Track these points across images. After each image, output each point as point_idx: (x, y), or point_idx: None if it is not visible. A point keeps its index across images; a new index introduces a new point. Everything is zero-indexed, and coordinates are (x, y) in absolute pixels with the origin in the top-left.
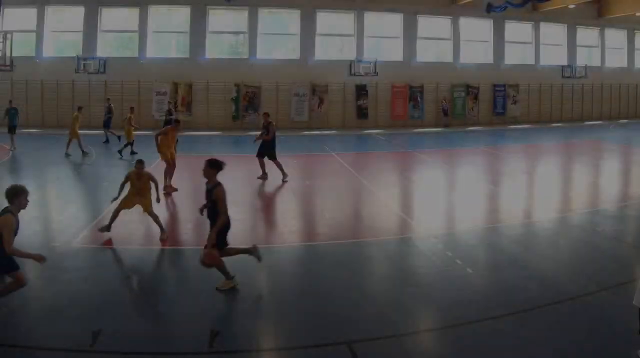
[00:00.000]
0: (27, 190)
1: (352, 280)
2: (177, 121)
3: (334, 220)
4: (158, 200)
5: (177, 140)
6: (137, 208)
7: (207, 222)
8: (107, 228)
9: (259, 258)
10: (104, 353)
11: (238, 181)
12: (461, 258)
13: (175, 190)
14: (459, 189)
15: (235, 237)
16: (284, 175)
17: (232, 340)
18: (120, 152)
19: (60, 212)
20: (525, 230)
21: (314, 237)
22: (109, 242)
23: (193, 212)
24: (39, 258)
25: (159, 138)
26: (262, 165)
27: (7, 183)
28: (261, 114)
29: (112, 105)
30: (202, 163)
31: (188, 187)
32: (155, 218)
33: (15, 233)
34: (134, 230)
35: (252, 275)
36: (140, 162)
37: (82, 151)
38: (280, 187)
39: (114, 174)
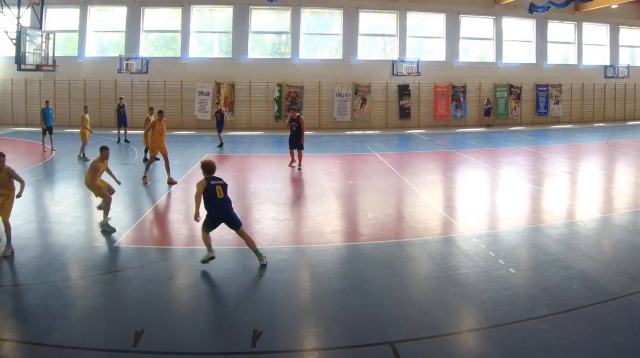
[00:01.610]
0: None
1: (394, 280)
2: (161, 112)
3: (377, 220)
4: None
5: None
6: (179, 207)
7: (251, 223)
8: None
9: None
10: (146, 353)
11: (280, 181)
12: (504, 258)
13: (175, 182)
14: (501, 189)
15: (279, 236)
16: (299, 165)
17: (274, 340)
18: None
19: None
20: (568, 230)
21: (356, 237)
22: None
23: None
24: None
25: (148, 133)
26: (293, 155)
27: (51, 183)
28: (291, 111)
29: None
30: (246, 162)
31: (230, 187)
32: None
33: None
34: (177, 230)
35: (295, 275)
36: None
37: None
38: (322, 187)
39: (156, 175)
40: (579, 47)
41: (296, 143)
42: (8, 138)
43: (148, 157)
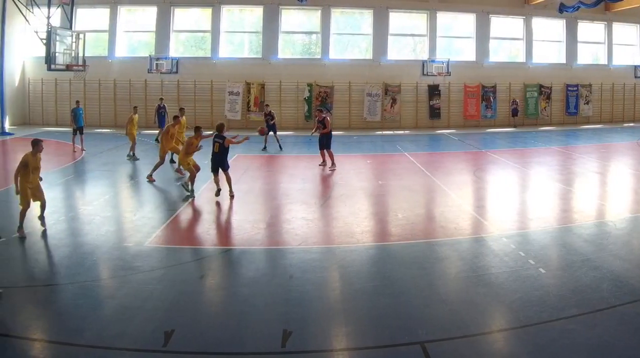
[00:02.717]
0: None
1: (424, 280)
2: (176, 117)
3: (407, 220)
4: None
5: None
6: (209, 207)
7: (281, 223)
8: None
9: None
10: (177, 353)
11: (311, 181)
12: (534, 258)
13: (154, 180)
14: (531, 189)
15: (309, 236)
16: (333, 164)
17: (305, 340)
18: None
19: (132, 213)
20: (598, 230)
21: (386, 237)
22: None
23: (266, 212)
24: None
25: (162, 136)
26: (323, 155)
27: (81, 183)
28: (317, 113)
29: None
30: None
31: (259, 187)
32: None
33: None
34: (207, 230)
35: (325, 275)
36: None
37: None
38: (352, 187)
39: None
40: (609, 47)
41: (324, 143)
42: (39, 138)
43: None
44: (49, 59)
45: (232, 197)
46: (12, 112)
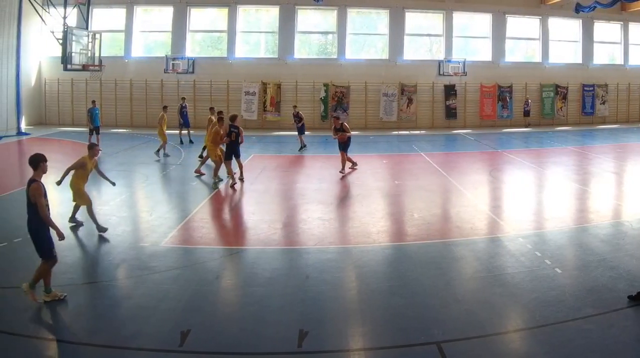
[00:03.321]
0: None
1: (440, 280)
2: (220, 118)
3: (423, 220)
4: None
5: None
6: (225, 207)
7: (297, 223)
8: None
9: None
10: (193, 353)
11: (327, 181)
12: (550, 258)
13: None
14: (548, 189)
15: (325, 236)
16: (353, 164)
17: (321, 340)
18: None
19: (148, 213)
20: (614, 230)
21: (402, 237)
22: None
23: (282, 212)
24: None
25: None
26: (344, 159)
27: (97, 183)
28: (334, 121)
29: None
30: (292, 162)
31: (276, 187)
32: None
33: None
34: (223, 229)
35: (341, 275)
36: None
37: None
38: (368, 187)
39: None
40: (625, 47)
41: (342, 146)
42: (55, 138)
43: (203, 155)
44: (65, 59)
45: (242, 180)
46: (29, 112)
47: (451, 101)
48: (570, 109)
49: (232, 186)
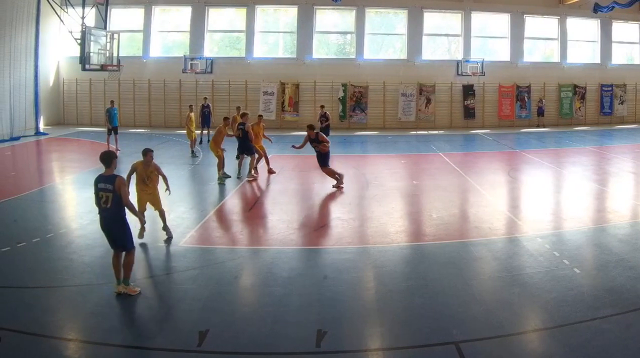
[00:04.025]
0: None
1: (459, 280)
2: (225, 118)
3: (441, 220)
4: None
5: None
6: (243, 207)
7: (317, 223)
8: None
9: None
10: (211, 353)
11: (345, 181)
12: (568, 258)
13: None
14: (566, 189)
15: (343, 236)
16: (339, 181)
17: (339, 340)
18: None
19: (167, 212)
20: (633, 230)
21: (420, 237)
22: None
23: (300, 212)
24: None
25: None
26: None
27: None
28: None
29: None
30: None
31: (294, 187)
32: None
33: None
34: (241, 230)
35: (359, 275)
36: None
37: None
38: (386, 187)
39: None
40: None
41: (322, 160)
42: (73, 138)
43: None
44: (84, 59)
45: (254, 174)
46: (47, 112)
47: (469, 101)
48: (588, 109)
49: (251, 181)
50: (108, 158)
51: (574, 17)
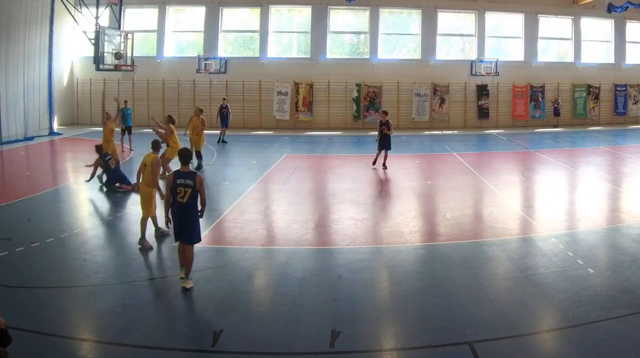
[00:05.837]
0: None
1: (473, 280)
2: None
3: (455, 220)
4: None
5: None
6: (258, 207)
7: (330, 223)
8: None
9: None
10: (225, 353)
11: (359, 181)
12: (582, 258)
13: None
14: (580, 189)
15: (357, 236)
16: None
17: (353, 340)
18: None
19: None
20: None
21: (434, 237)
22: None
23: (314, 212)
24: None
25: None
26: (378, 155)
27: (130, 182)
28: (381, 114)
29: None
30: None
31: (308, 187)
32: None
33: None
34: (255, 230)
35: (373, 275)
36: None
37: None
38: (400, 187)
39: (235, 174)
40: None
41: (385, 144)
42: (87, 138)
43: None
44: (98, 59)
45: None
46: (61, 112)
47: (483, 101)
48: (602, 109)
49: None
50: (187, 156)
51: (588, 17)
